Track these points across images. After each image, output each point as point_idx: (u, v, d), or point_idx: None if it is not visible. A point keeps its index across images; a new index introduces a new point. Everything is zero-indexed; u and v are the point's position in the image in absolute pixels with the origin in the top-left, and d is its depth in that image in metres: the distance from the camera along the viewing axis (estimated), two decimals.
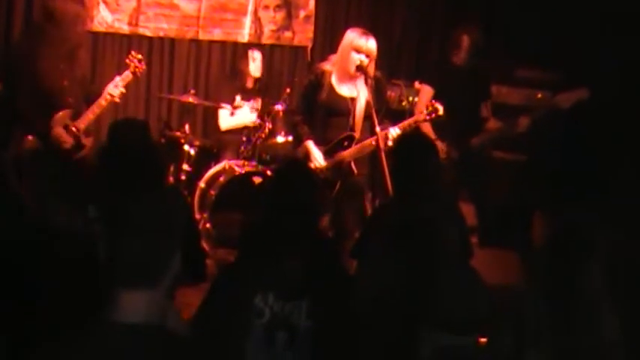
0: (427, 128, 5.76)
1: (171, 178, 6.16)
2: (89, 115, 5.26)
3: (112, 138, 4.01)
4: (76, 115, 5.26)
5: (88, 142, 5.28)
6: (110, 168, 3.78)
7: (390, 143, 4.83)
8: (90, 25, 6.66)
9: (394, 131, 4.85)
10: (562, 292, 2.44)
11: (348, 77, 4.97)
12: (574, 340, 2.40)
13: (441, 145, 5.86)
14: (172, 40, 7.18)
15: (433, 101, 5.03)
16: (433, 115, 4.93)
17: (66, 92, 5.24)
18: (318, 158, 4.97)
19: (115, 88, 5.26)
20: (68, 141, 5.19)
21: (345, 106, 4.99)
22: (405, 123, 4.93)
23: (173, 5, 7.09)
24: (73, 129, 5.20)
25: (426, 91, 5.95)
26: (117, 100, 5.31)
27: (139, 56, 5.44)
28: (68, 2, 5.28)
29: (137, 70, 5.37)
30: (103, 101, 5.25)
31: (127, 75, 5.34)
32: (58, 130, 5.17)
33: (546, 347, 2.43)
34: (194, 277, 3.54)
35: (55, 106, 5.21)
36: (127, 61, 5.43)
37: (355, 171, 5.03)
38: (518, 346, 2.50)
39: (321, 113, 5.03)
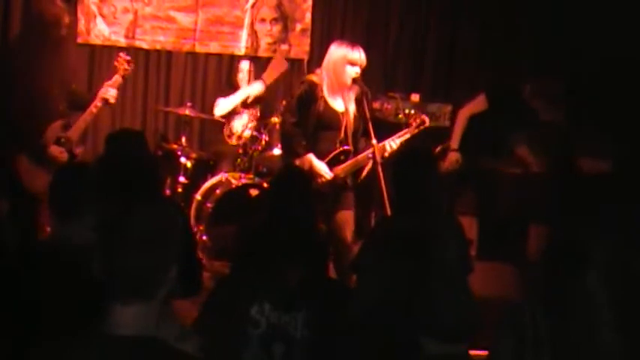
0: None
1: (167, 191, 6.15)
2: (80, 125, 5.15)
3: (109, 148, 4.01)
4: (66, 125, 5.16)
5: (79, 151, 5.17)
6: (107, 179, 3.76)
7: (386, 155, 4.86)
8: (87, 36, 6.71)
9: (393, 143, 4.88)
10: (560, 304, 2.44)
11: (341, 91, 4.98)
12: (573, 350, 2.41)
13: (456, 156, 5.91)
14: (169, 53, 7.20)
15: (420, 114, 5.11)
16: (422, 128, 4.99)
17: (57, 100, 5.14)
18: (326, 171, 4.97)
19: (106, 92, 5.15)
20: (63, 156, 5.08)
21: (337, 120, 4.99)
22: (399, 135, 4.95)
23: (170, 18, 7.11)
24: (64, 140, 5.10)
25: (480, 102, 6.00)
26: (112, 101, 5.18)
27: (128, 57, 5.35)
28: (46, 3, 5.15)
29: (125, 72, 5.28)
30: (93, 109, 5.12)
31: (117, 79, 5.22)
32: (53, 149, 5.05)
33: (545, 358, 2.44)
34: (189, 289, 3.52)
35: (48, 115, 5.11)
36: (116, 63, 5.33)
37: (349, 184, 5.03)
38: (516, 357, 2.50)
39: (313, 126, 5.02)
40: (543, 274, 2.51)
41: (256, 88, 6.50)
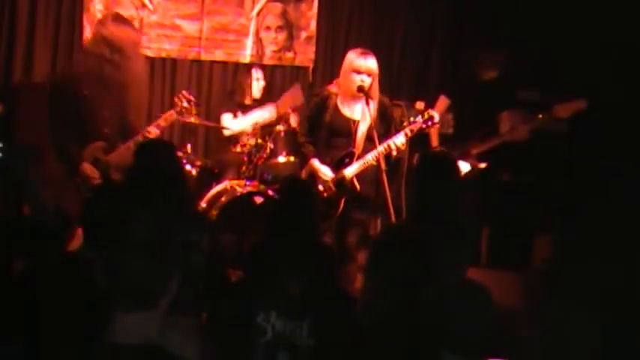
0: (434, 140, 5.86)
1: None
2: (122, 151, 4.93)
3: (139, 158, 3.94)
4: (110, 148, 4.99)
5: (117, 178, 4.84)
6: (136, 188, 3.68)
7: (394, 153, 4.87)
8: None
9: (397, 140, 4.88)
10: (556, 313, 2.44)
11: (351, 99, 5.02)
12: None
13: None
14: (174, 61, 7.22)
15: (429, 110, 5.08)
16: (429, 123, 4.96)
17: (104, 123, 4.96)
18: (325, 172, 5.02)
19: (156, 128, 5.03)
20: (95, 176, 4.87)
21: (347, 127, 5.04)
22: (406, 130, 4.94)
23: (175, 26, 7.13)
24: (102, 163, 4.91)
25: (442, 102, 6.04)
26: (152, 136, 5.01)
27: (190, 97, 5.22)
28: (123, 27, 5.03)
29: (184, 110, 5.17)
30: (140, 138, 4.94)
31: (171, 114, 5.13)
32: (86, 166, 4.88)
33: None
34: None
35: (90, 136, 4.94)
36: (176, 99, 5.24)
37: (358, 187, 5.04)
38: None
39: (324, 134, 5.08)
40: (540, 285, 2.51)
41: (268, 115, 6.45)
